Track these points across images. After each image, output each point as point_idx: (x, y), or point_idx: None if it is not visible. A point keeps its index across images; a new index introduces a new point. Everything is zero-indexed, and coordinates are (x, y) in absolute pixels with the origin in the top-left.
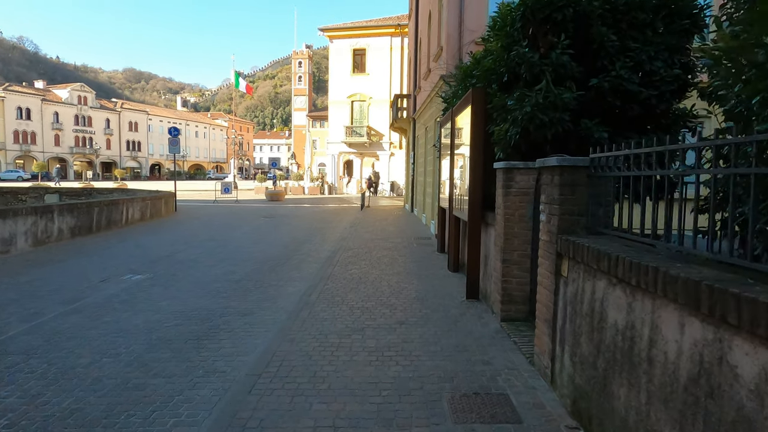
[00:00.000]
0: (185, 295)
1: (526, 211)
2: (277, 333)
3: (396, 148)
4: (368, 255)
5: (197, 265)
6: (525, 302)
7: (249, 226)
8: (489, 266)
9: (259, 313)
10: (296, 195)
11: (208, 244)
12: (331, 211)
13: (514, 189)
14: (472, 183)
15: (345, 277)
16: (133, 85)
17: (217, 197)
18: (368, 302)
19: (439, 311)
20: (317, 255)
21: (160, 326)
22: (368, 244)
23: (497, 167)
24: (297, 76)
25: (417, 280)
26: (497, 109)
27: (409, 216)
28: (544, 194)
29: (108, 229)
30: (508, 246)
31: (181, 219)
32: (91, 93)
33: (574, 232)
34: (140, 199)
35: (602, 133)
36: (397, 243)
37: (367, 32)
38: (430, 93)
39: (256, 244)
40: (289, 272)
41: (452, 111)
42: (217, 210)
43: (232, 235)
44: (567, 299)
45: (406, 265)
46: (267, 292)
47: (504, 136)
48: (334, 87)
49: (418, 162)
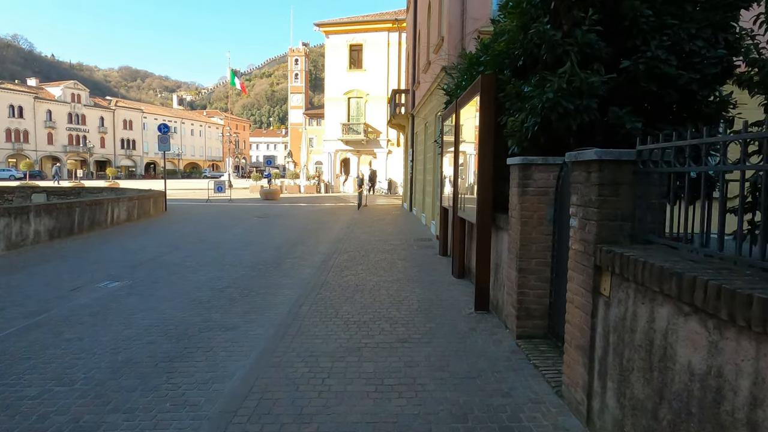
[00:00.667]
0: (164, 305)
1: (546, 213)
2: (261, 354)
3: (394, 145)
4: (365, 259)
5: (182, 270)
6: (544, 317)
7: (241, 226)
8: (500, 274)
9: (243, 327)
10: (292, 194)
11: (196, 247)
12: (327, 211)
13: (531, 188)
14: (480, 181)
15: (340, 284)
16: (129, 84)
17: (209, 196)
18: (365, 315)
19: (446, 326)
20: (311, 258)
21: (129, 345)
22: (365, 247)
23: (511, 163)
24: (293, 74)
25: (419, 287)
26: (511, 98)
27: (408, 216)
28: (577, 194)
29: (91, 231)
30: (525, 253)
31: (170, 219)
32: (84, 91)
33: (617, 241)
34: (127, 198)
35: (635, 124)
36: (396, 245)
37: (363, 27)
38: (430, 87)
39: (246, 246)
40: (280, 278)
41: (456, 103)
42: (209, 210)
43: (223, 236)
44: (609, 324)
45: (407, 270)
46: (254, 302)
47: (519, 127)
48: (330, 83)
49: (417, 159)
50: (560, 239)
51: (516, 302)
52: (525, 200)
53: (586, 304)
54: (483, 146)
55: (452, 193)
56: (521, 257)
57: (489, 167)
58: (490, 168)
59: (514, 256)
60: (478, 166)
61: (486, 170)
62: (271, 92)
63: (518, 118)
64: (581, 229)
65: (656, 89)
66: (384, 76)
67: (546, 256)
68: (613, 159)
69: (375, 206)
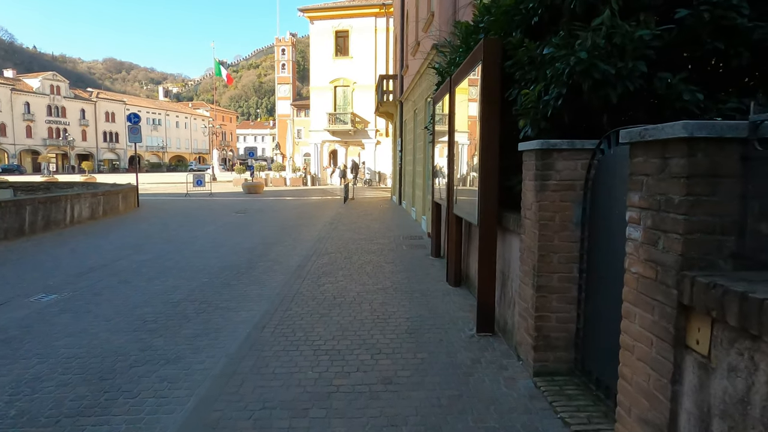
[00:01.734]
0: (99, 327)
1: (572, 214)
2: (198, 405)
3: (382, 135)
4: (348, 262)
5: (135, 279)
6: (569, 347)
7: (216, 223)
8: (509, 288)
9: (188, 358)
10: (277, 187)
11: (160, 248)
12: (311, 205)
13: (553, 181)
14: (483, 173)
15: (315, 296)
16: (114, 76)
17: (188, 191)
18: (342, 340)
19: (441, 355)
20: (286, 262)
21: (32, 389)
22: (349, 247)
23: (525, 149)
24: (280, 64)
25: (408, 299)
26: (522, 66)
27: (397, 210)
28: (641, 192)
29: (46, 231)
30: (545, 266)
31: (141, 216)
32: (64, 82)
33: (713, 264)
34: (90, 194)
35: (695, 95)
36: (383, 244)
37: (350, 12)
38: (419, 69)
39: (217, 247)
40: (247, 288)
41: (450, 80)
42: (185, 205)
43: (193, 235)
44: (711, 402)
45: (394, 276)
46: (210, 322)
47: (535, 102)
48: (315, 72)
49: (406, 149)
50: (592, 248)
51: (533, 328)
52: (544, 197)
53: (661, 362)
54: (486, 129)
55: (446, 187)
56: (540, 271)
57: (494, 155)
58: (496, 156)
59: (530, 269)
60: (480, 153)
61: (490, 158)
62: (259, 84)
63: (534, 90)
64: (650, 244)
65: (723, 47)
66: (371, 63)
67: (571, 269)
68: (712, 137)
69: (362, 199)
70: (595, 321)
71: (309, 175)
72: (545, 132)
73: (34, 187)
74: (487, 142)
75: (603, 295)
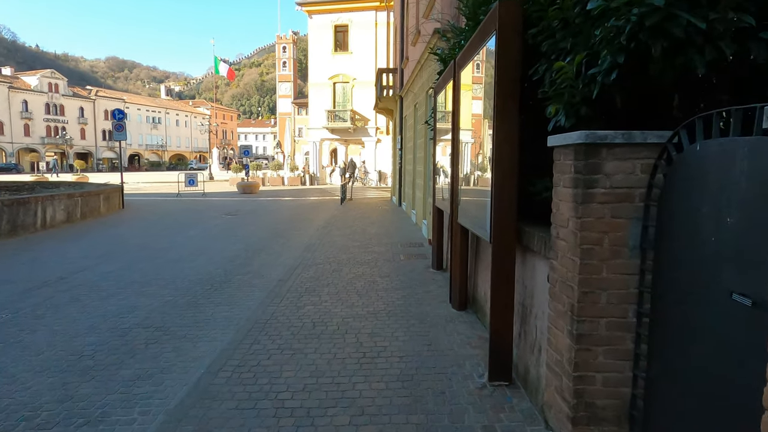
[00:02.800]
0: (22, 364)
1: (628, 235)
2: None
3: (383, 133)
4: (337, 275)
5: (90, 295)
6: (621, 421)
7: (202, 226)
8: (531, 324)
9: (112, 418)
10: (275, 186)
11: (132, 256)
12: (307, 206)
13: (600, 188)
14: (499, 175)
15: (292, 322)
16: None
17: (180, 190)
18: (315, 392)
19: (443, 418)
20: (268, 274)
21: None
22: (340, 256)
23: (560, 144)
24: (281, 62)
25: (403, 328)
26: (552, 33)
27: (396, 211)
28: None
29: (12, 237)
30: (589, 307)
31: (123, 218)
32: (62, 80)
33: None
34: (65, 195)
35: None
36: (379, 253)
37: (349, 6)
38: (419, 58)
39: (196, 255)
40: (215, 310)
41: (455, 63)
42: (174, 206)
43: (174, 240)
44: None
45: (389, 295)
46: (158, 358)
47: (573, 80)
48: (314, 67)
49: (406, 147)
50: (658, 283)
51: (570, 392)
52: (587, 210)
53: None
54: (503, 117)
55: (449, 191)
56: (581, 314)
57: (512, 151)
58: (515, 153)
59: (565, 309)
60: (495, 150)
61: (507, 156)
62: (261, 82)
63: (575, 61)
64: None
65: None
66: (372, 59)
67: (626, 312)
68: None
69: (361, 200)
70: (664, 387)
71: (308, 175)
72: (585, 121)
73: (19, 186)
74: (505, 135)
75: (677, 350)
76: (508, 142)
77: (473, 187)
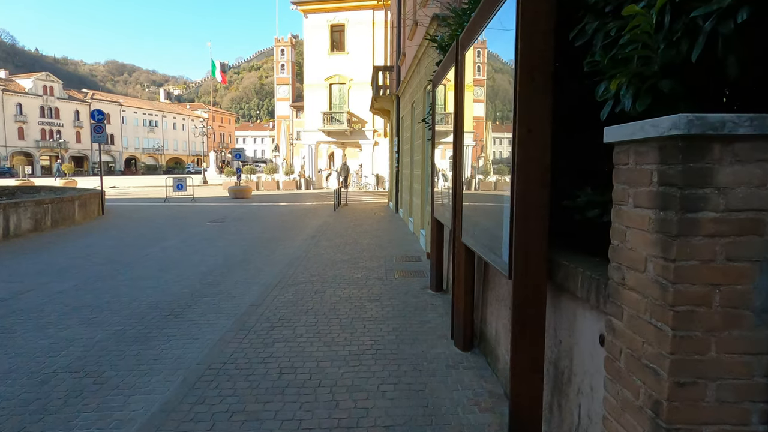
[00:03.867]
0: None
1: (753, 289)
2: None
3: (380, 136)
4: (319, 298)
5: (25, 325)
6: None
7: (181, 236)
8: (570, 398)
9: None
10: (269, 190)
11: (92, 272)
12: (299, 212)
13: (710, 212)
14: (521, 183)
15: (253, 368)
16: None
17: (168, 195)
18: None
19: None
20: (241, 296)
21: None
22: (326, 273)
23: (632, 138)
24: (279, 65)
25: (393, 378)
26: None
27: (393, 219)
28: None
29: None
30: (686, 407)
31: (99, 226)
32: (58, 83)
33: None
34: (33, 202)
35: None
36: (370, 270)
37: (346, 5)
38: (416, 53)
39: (165, 271)
40: (165, 346)
41: (458, 43)
42: (159, 212)
43: (145, 253)
44: None
45: (378, 326)
46: (70, 424)
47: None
48: (309, 68)
49: (404, 150)
50: None
51: None
52: (686, 249)
53: None
54: (529, 100)
55: (451, 199)
56: (672, 418)
57: (541, 149)
58: (546, 151)
59: (644, 404)
60: (518, 146)
61: (534, 156)
62: (260, 85)
63: (656, 5)
64: None
65: None
66: (369, 59)
67: (748, 416)
68: None
69: (356, 206)
70: None
71: (303, 178)
72: (667, 103)
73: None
74: (532, 126)
75: None
76: (537, 136)
77: (481, 193)
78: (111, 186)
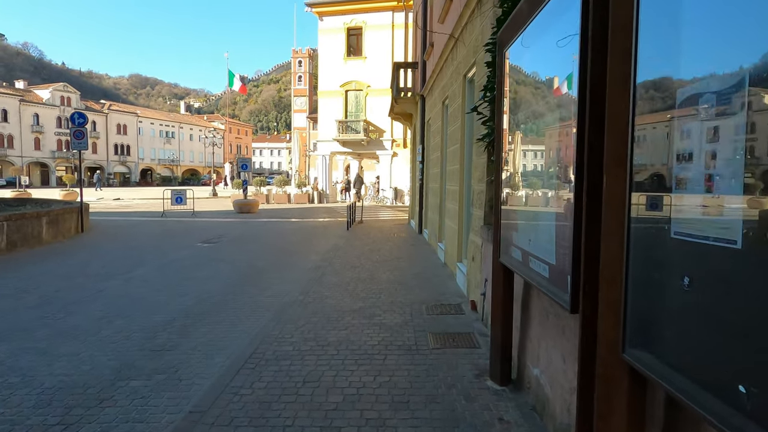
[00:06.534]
0: None
1: None
2: None
3: (399, 146)
4: (307, 397)
5: None
6: None
7: (160, 261)
8: None
9: None
10: (279, 204)
11: (8, 323)
12: (307, 231)
13: None
14: None
15: None
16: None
17: (166, 209)
18: None
19: None
20: (195, 377)
21: None
22: (327, 336)
23: None
24: (297, 76)
25: None
26: None
27: (416, 241)
28: None
29: None
30: None
31: (67, 249)
32: (75, 93)
33: None
34: None
35: None
36: (392, 330)
37: (363, 6)
38: (452, 31)
39: (108, 320)
40: None
41: None
42: (149, 229)
43: (100, 288)
44: None
45: None
46: None
47: None
48: (324, 74)
49: (430, 159)
50: None
51: None
52: None
53: None
54: None
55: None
56: None
57: None
58: None
59: None
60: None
61: None
62: (279, 98)
63: None
64: None
65: None
66: (388, 65)
67: None
68: None
69: (373, 223)
70: None
71: (316, 191)
72: None
73: None
74: None
75: None
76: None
77: None
78: (115, 198)
